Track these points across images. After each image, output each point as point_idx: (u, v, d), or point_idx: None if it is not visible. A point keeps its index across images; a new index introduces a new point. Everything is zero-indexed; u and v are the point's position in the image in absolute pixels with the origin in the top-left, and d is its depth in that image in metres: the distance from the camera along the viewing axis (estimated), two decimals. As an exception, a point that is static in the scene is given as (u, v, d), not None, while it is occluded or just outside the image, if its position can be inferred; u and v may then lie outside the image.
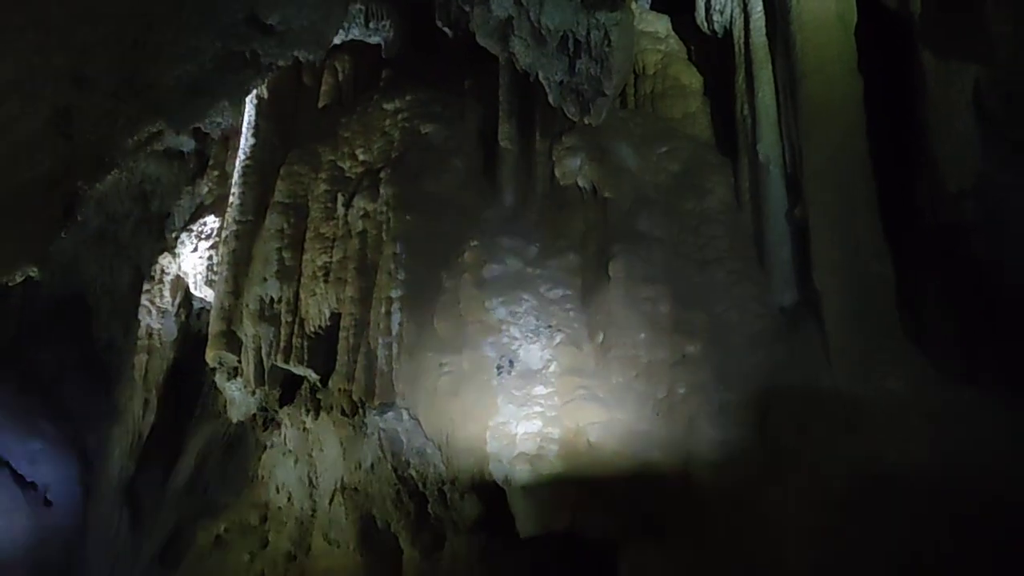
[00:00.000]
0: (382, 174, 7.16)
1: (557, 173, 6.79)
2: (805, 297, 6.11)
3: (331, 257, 7.13)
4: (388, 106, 7.71)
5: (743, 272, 6.33)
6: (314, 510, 7.31)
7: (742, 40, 6.86)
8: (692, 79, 7.45)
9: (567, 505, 5.59)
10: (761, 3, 6.68)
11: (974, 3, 5.68)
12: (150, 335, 8.92)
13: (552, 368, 6.00)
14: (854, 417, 5.39)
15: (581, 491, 5.62)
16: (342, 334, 6.80)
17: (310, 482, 7.47)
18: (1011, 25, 5.45)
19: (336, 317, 6.95)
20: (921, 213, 6.36)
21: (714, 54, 7.41)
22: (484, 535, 6.11)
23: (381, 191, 6.98)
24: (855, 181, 5.85)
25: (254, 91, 7.53)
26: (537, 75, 6.22)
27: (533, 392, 5.90)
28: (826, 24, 6.07)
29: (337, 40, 7.23)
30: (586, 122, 6.29)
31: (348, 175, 7.53)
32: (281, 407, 7.68)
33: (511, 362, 6.06)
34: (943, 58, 6.04)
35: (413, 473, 6.52)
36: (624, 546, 5.58)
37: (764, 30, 6.67)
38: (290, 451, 7.67)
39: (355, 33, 7.62)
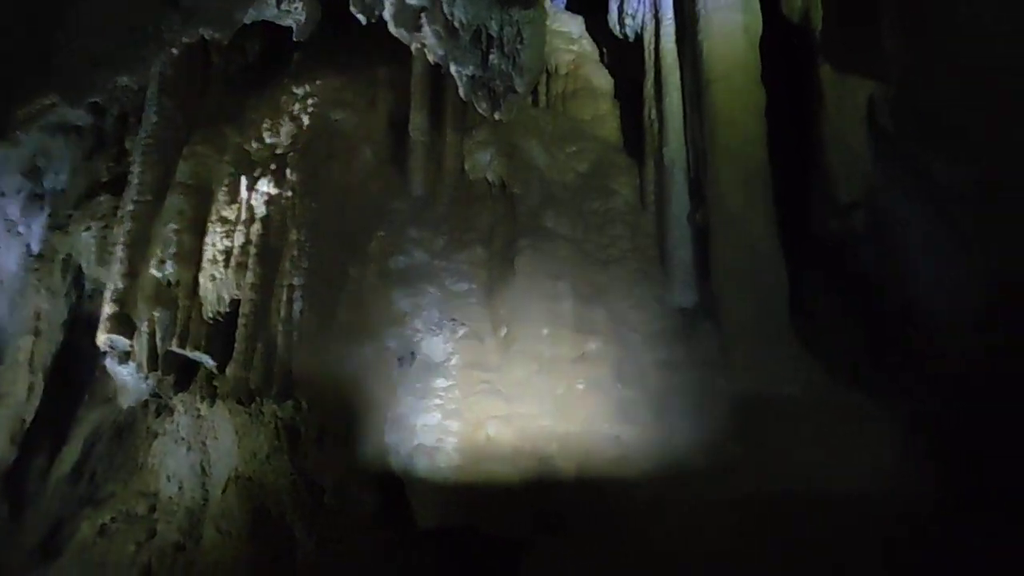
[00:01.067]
0: (289, 159, 7.02)
1: (467, 167, 6.81)
2: (704, 299, 6.28)
3: (232, 242, 6.94)
4: (298, 90, 7.57)
5: (645, 272, 6.46)
6: (206, 500, 7.11)
7: (652, 45, 7.01)
8: (603, 81, 7.56)
9: (465, 499, 5.60)
10: (672, 10, 6.84)
11: (871, 22, 5.93)
12: (38, 316, 8.52)
13: (454, 361, 6.01)
14: (747, 418, 5.55)
15: (479, 485, 5.64)
16: (241, 321, 6.64)
17: (203, 471, 7.27)
18: (905, 45, 5.70)
19: (235, 303, 6.78)
20: (815, 222, 6.61)
21: (625, 58, 7.54)
22: (383, 528, 6.06)
23: (287, 176, 6.86)
24: (754, 188, 6.02)
25: (157, 67, 7.27)
26: (449, 68, 6.20)
27: (434, 385, 5.89)
28: (732, 34, 6.23)
29: (247, 20, 7.03)
30: (497, 118, 6.33)
31: (254, 158, 7.36)
32: (175, 394, 7.45)
33: (413, 354, 6.05)
34: (841, 73, 6.29)
35: (311, 464, 6.42)
36: (522, 544, 5.62)
37: (674, 37, 6.84)
38: (183, 439, 7.44)
39: (267, 14, 7.42)
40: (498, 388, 5.85)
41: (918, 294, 6.16)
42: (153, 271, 7.11)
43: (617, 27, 7.44)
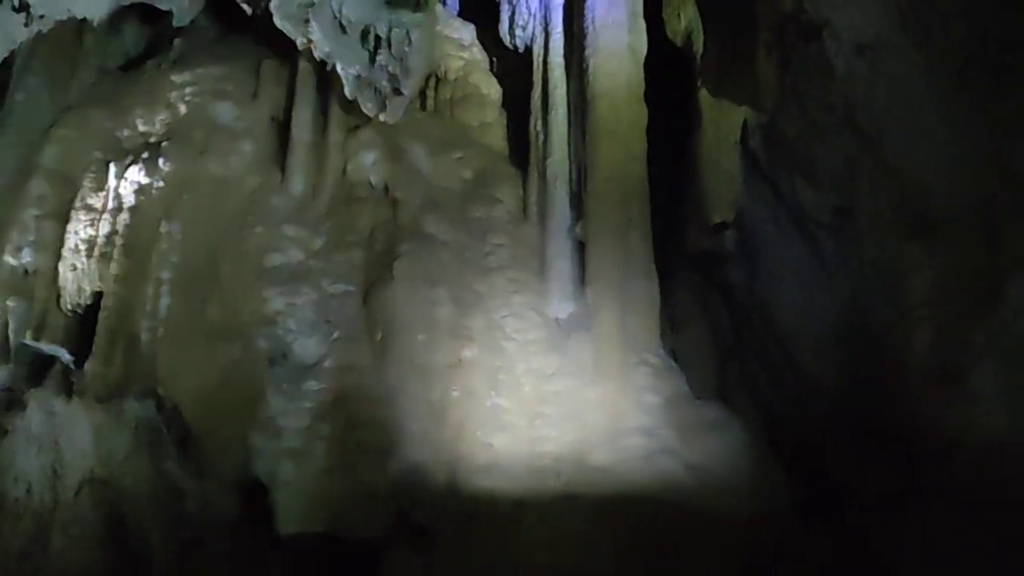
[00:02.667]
0: (163, 148, 6.76)
1: (349, 167, 6.70)
2: (580, 310, 6.37)
3: (97, 231, 6.62)
4: (176, 77, 7.29)
5: (524, 282, 6.49)
6: (56, 503, 6.73)
7: (541, 58, 7.08)
8: (491, 89, 7.59)
9: (330, 505, 5.50)
10: (561, 25, 6.93)
11: (748, 51, 6.18)
12: None
13: (327, 364, 5.90)
14: (615, 429, 5.64)
15: (345, 491, 5.55)
16: (103, 314, 6.32)
17: (54, 472, 6.86)
18: (777, 75, 5.97)
19: (98, 296, 6.46)
20: (689, 239, 6.84)
21: (515, 68, 7.60)
22: (244, 534, 5.88)
23: (160, 166, 6.59)
24: (631, 203, 6.15)
25: (24, 45, 6.88)
26: (335, 65, 6.10)
27: (305, 387, 5.77)
28: (618, 52, 6.36)
29: (125, 1, 6.75)
30: (382, 119, 6.26)
31: (125, 145, 7.05)
32: (28, 389, 7.03)
33: (285, 355, 5.90)
34: (717, 97, 6.55)
35: (172, 466, 6.17)
36: (387, 550, 5.56)
37: (562, 51, 6.93)
38: (34, 437, 7.02)
39: (146, -4, 7.15)
40: (371, 392, 5.78)
41: (780, 311, 6.47)
42: (9, 258, 6.72)
43: (508, 37, 7.50)
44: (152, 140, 6.97)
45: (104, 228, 6.59)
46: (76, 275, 6.57)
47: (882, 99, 5.29)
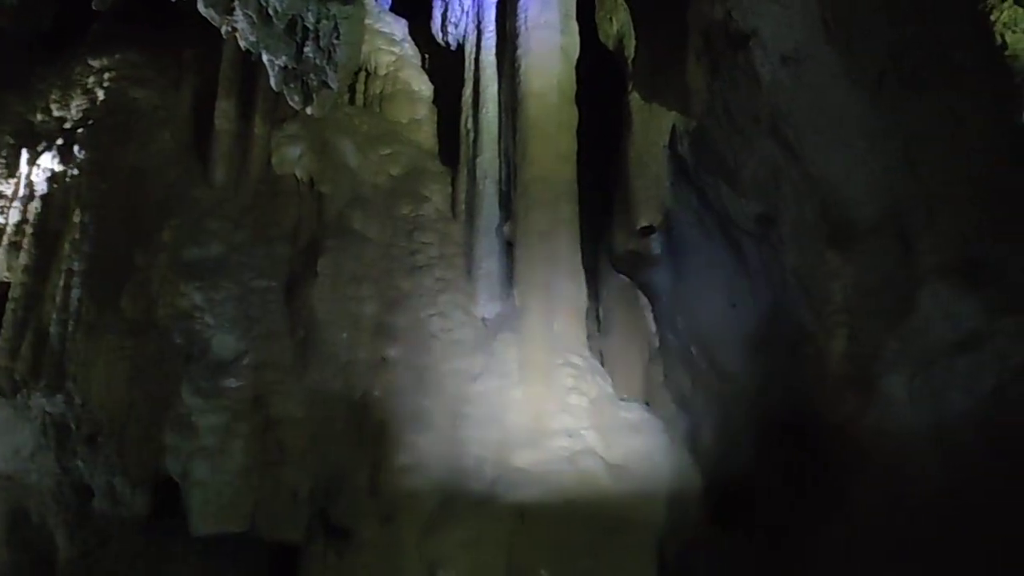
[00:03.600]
0: (78, 135, 6.52)
1: (274, 160, 6.53)
2: (506, 311, 6.35)
3: (6, 219, 6.37)
4: (95, 62, 7.06)
5: (451, 281, 6.45)
6: (-44, 502, 6.46)
7: (473, 56, 7.06)
8: (422, 86, 7.51)
9: (247, 506, 5.38)
10: (494, 24, 6.91)
11: (679, 57, 6.24)
12: None
13: (246, 361, 5.76)
14: (538, 429, 5.63)
15: (264, 491, 5.44)
16: (10, 305, 6.11)
17: (-45, 469, 6.59)
18: (706, 81, 6.03)
19: (5, 287, 6.21)
20: (617, 241, 6.88)
21: (446, 65, 7.55)
22: (154, 533, 5.71)
23: (75, 153, 6.37)
24: (560, 204, 6.14)
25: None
26: (261, 56, 5.94)
27: (222, 384, 5.62)
28: (550, 53, 6.36)
29: (41, -20, 6.50)
30: (308, 112, 6.12)
31: (38, 131, 6.79)
32: (-74, 382, 6.71)
33: (202, 351, 5.73)
34: (648, 101, 6.59)
35: (80, 464, 5.96)
36: (305, 551, 5.46)
37: (494, 50, 6.91)
38: (-67, 433, 6.71)
39: (64, -22, 6.89)
40: (291, 391, 5.66)
41: (703, 315, 6.55)
42: (-93, 246, 6.41)
43: (440, 34, 7.45)
44: (67, 126, 6.74)
45: (14, 216, 6.36)
46: (-19, 265, 6.31)
47: (805, 109, 5.38)
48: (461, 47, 7.26)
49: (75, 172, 6.30)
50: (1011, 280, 4.40)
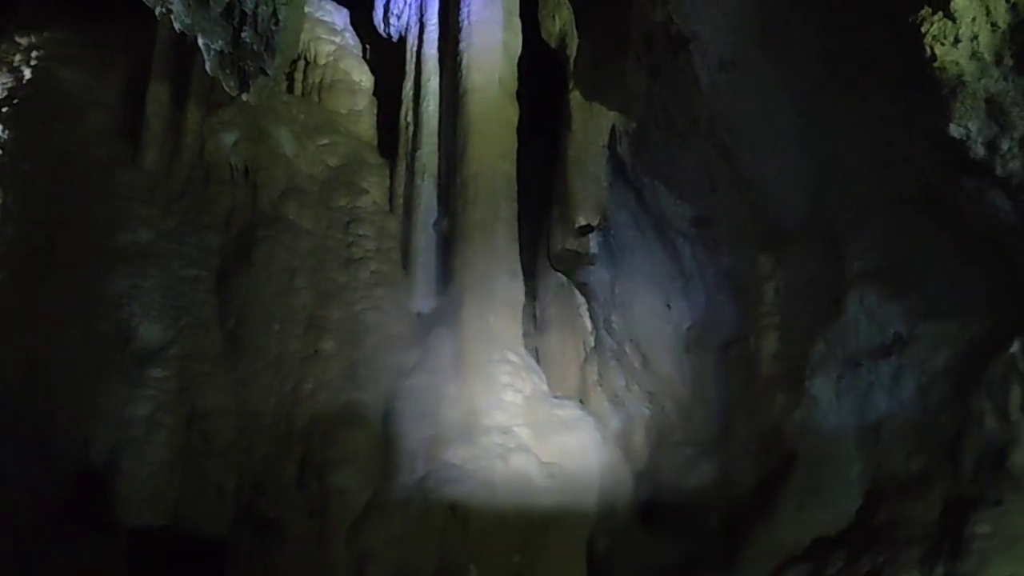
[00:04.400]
0: (2, 114, 6.27)
1: (208, 146, 6.38)
2: (443, 306, 6.31)
3: (-83, 199, 6.08)
4: (22, 40, 6.78)
5: (387, 275, 6.40)
6: None
7: (415, 49, 7.00)
8: (363, 77, 7.43)
9: (174, 497, 5.29)
10: (436, 17, 6.87)
11: (620, 57, 6.28)
12: None
13: (174, 351, 5.63)
14: (472, 425, 5.60)
15: (189, 484, 5.34)
16: (-81, 291, 5.81)
17: None
18: (647, 83, 6.08)
19: (-81, 269, 5.93)
20: (555, 239, 6.89)
21: (388, 57, 7.47)
22: (75, 527, 5.52)
23: (-1, 133, 6.12)
24: (499, 201, 6.14)
25: None
26: (196, 39, 5.78)
27: (148, 374, 5.48)
28: (492, 49, 6.36)
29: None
30: (244, 99, 5.97)
31: (-43, 107, 6.49)
32: None
33: (127, 340, 5.57)
34: (589, 101, 6.62)
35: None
36: (232, 545, 5.37)
37: (437, 43, 6.87)
38: None
39: (-9, -49, 6.62)
40: (220, 382, 5.55)
41: (639, 314, 6.62)
42: None
43: (382, 25, 7.38)
44: (-11, 104, 6.45)
45: (-74, 196, 6.06)
46: None
47: (741, 114, 5.47)
48: (403, 39, 7.20)
49: (-2, 152, 6.05)
50: (932, 287, 4.55)
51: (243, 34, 5.72)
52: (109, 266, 5.76)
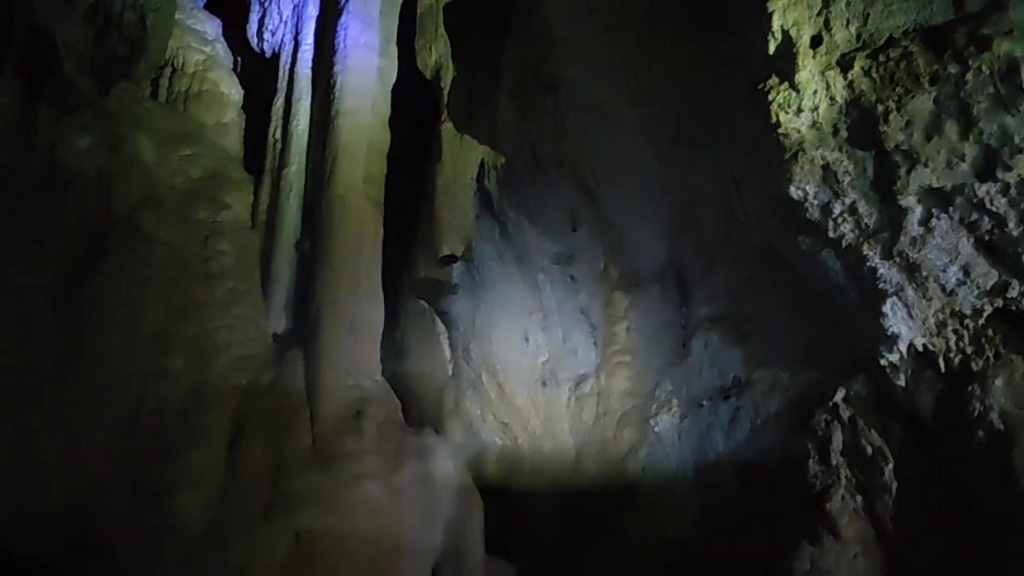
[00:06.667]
0: None
1: (59, 148, 6.06)
2: (299, 327, 6.22)
3: None
4: None
5: (244, 293, 6.23)
6: None
7: (288, 66, 6.94)
8: (232, 89, 7.25)
9: (-2, 520, 4.93)
10: (312, 37, 6.82)
11: (492, 94, 6.42)
12: None
13: (4, 361, 5.26)
14: (282, 451, 5.48)
15: (14, 505, 4.99)
16: None
17: None
18: (517, 121, 6.24)
19: None
20: (419, 266, 6.94)
21: (260, 72, 7.36)
22: None
23: None
24: (364, 225, 6.13)
25: None
26: (55, 37, 5.54)
27: (-27, 386, 5.12)
28: (367, 74, 6.37)
29: None
30: (104, 103, 5.76)
31: None
32: None
33: (-47, 348, 5.20)
34: (460, 133, 6.73)
35: None
36: (58, 568, 5.05)
37: (311, 63, 6.82)
38: None
39: None
40: (54, 398, 5.23)
41: (496, 346, 6.72)
42: None
43: (255, 39, 7.27)
44: None
45: None
46: None
47: (606, 158, 5.70)
48: (277, 56, 7.11)
49: None
50: (769, 336, 4.84)
51: (108, 37, 5.57)
52: (-63, 267, 5.39)
